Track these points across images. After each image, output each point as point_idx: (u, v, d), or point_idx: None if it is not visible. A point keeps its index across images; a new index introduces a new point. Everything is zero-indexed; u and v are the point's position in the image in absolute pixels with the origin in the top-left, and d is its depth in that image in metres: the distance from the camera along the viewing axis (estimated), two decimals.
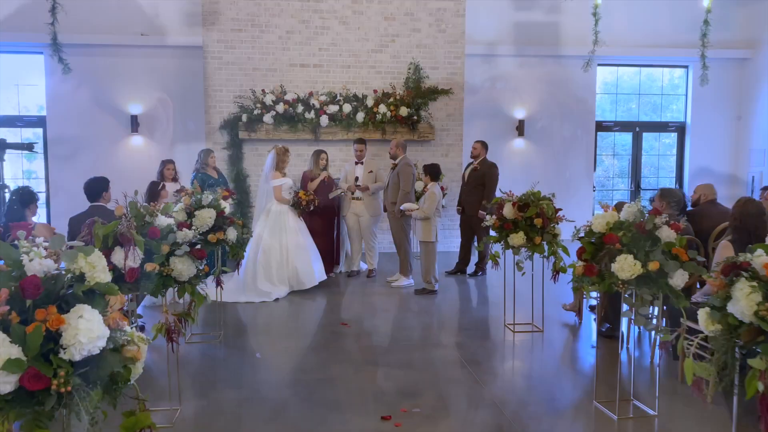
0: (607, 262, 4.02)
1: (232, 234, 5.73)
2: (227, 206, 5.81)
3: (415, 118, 10.56)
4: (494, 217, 6.15)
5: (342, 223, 9.03)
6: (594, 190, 12.82)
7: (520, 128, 12.19)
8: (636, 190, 13.22)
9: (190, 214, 5.61)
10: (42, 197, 11.88)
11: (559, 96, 12.32)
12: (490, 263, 6.60)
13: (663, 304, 4.64)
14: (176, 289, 3.94)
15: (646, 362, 5.43)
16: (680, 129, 13.16)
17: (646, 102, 13.26)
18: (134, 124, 11.33)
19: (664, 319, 5.35)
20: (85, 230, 3.99)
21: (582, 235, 4.29)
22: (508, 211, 5.99)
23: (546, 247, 5.98)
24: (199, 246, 4.17)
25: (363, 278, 8.78)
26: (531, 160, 12.35)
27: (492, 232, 6.32)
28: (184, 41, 11.14)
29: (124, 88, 11.31)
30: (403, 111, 10.47)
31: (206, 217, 5.55)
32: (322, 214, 8.37)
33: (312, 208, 7.95)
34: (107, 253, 3.74)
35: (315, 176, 8.57)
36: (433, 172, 7.63)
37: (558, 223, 6.02)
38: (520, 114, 12.24)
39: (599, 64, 12.30)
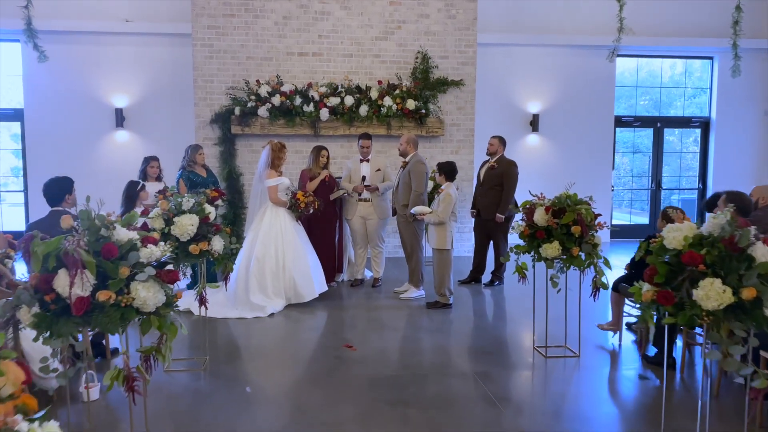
0: (688, 288, 3.17)
1: (218, 244, 4.87)
2: (213, 211, 4.95)
3: (423, 111, 9.71)
4: (523, 223, 5.30)
5: (345, 227, 8.18)
6: (612, 190, 11.98)
7: (535, 123, 11.36)
8: (657, 190, 12.38)
9: (169, 221, 4.75)
10: (20, 197, 11.05)
11: (576, 89, 11.48)
12: (510, 273, 5.73)
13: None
14: (140, 322, 3.07)
15: (703, 395, 4.59)
16: (704, 124, 12.32)
17: (667, 96, 12.40)
18: (119, 117, 10.48)
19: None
20: (22, 246, 3.14)
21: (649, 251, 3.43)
22: (540, 217, 5.13)
23: (584, 259, 5.13)
24: (170, 266, 3.30)
25: (368, 288, 7.93)
26: (545, 158, 11.51)
27: (517, 239, 5.45)
28: (172, 28, 10.29)
29: (108, 79, 10.45)
30: (411, 104, 9.61)
31: (187, 225, 4.70)
32: (322, 217, 7.52)
33: (312, 210, 7.10)
34: (48, 277, 2.89)
35: (315, 175, 7.72)
36: (448, 171, 6.78)
37: (598, 231, 5.17)
38: (534, 108, 11.41)
39: (618, 55, 11.44)
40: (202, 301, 5.03)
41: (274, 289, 6.83)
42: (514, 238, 5.96)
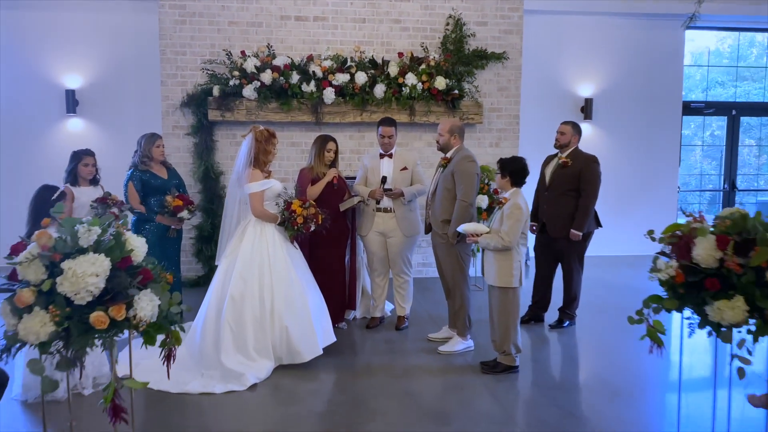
0: None
1: (146, 306, 2.68)
2: (138, 248, 2.76)
3: (456, 92, 7.53)
4: (673, 263, 3.13)
5: (358, 247, 6.03)
6: (678, 191, 9.80)
7: (587, 109, 9.19)
8: (731, 191, 10.20)
9: (54, 268, 2.58)
10: None
11: (638, 69, 9.32)
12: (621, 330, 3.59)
13: None
14: None
15: None
16: None
17: (745, 77, 10.22)
18: (71, 101, 8.31)
19: None
20: None
21: None
22: (707, 251, 2.98)
23: None
24: None
25: (389, 330, 5.78)
26: (600, 151, 9.12)
27: (651, 286, 3.28)
28: None
29: (57, 54, 8.27)
30: (440, 82, 7.43)
31: (86, 276, 2.53)
32: (328, 235, 5.37)
33: (313, 228, 4.94)
34: None
35: (318, 176, 5.57)
36: (516, 171, 4.57)
37: None
38: (586, 91, 9.24)
39: (691, 27, 9.23)
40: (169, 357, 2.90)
41: (257, 345, 4.65)
42: (633, 277, 3.79)
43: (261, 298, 4.67)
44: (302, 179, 5.62)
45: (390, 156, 5.69)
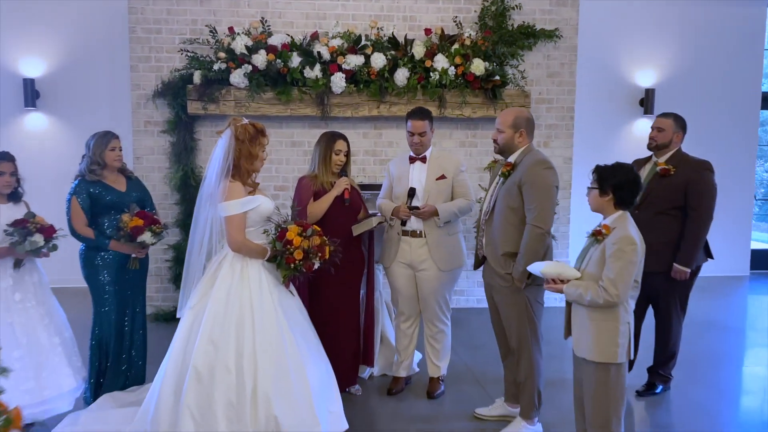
0: None
1: None
2: None
3: (498, 78, 5.99)
4: None
5: (378, 283, 4.53)
6: (755, 199, 8.22)
7: (647, 102, 7.62)
8: None
9: None
10: None
11: (707, 54, 7.74)
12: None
13: None
14: None
15: None
16: None
17: None
18: (30, 93, 6.81)
19: None
20: None
21: None
22: None
23: None
24: None
25: (419, 397, 4.27)
26: None
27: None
28: None
29: (13, 37, 6.78)
30: (477, 66, 5.90)
31: None
32: (340, 267, 3.85)
33: (318, 266, 3.40)
34: None
35: (324, 188, 4.07)
36: (624, 184, 2.95)
37: None
38: (646, 80, 7.68)
39: None
40: None
41: None
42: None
43: (239, 373, 3.15)
44: (302, 192, 4.10)
45: (423, 160, 4.16)
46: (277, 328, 3.25)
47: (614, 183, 2.96)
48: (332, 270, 3.52)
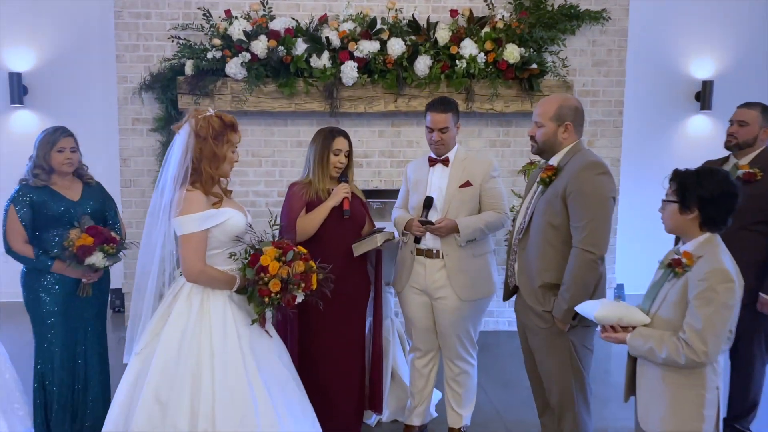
0: None
1: None
2: None
3: (535, 67, 5.16)
4: None
5: (389, 309, 3.75)
6: None
7: (704, 96, 6.65)
8: None
9: None
10: None
11: None
12: None
13: None
14: None
15: None
16: None
17: None
18: (17, 88, 6.16)
19: None
20: None
21: None
22: None
23: None
24: None
25: None
26: (720, 152, 6.78)
27: None
28: None
29: None
30: (511, 53, 5.08)
31: None
32: (340, 292, 3.07)
33: (303, 298, 2.62)
34: None
35: (319, 197, 3.29)
36: (717, 199, 2.12)
37: None
38: (703, 71, 6.72)
39: None
40: None
41: None
42: None
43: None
44: (291, 202, 3.33)
45: (445, 162, 3.36)
46: (245, 381, 2.48)
47: (702, 196, 2.13)
48: (320, 304, 2.74)
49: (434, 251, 3.27)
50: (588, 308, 2.34)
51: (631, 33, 5.68)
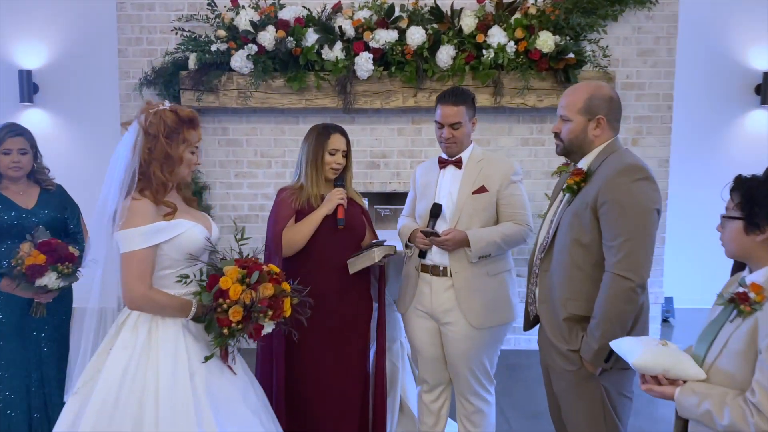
0: None
1: None
2: None
3: (572, 56, 4.61)
4: None
5: (398, 330, 3.29)
6: None
7: (764, 90, 5.98)
8: None
9: None
10: None
11: None
12: None
13: None
14: None
15: None
16: None
17: None
18: (27, 86, 5.90)
19: None
20: None
21: None
22: None
23: None
24: None
25: None
26: None
27: None
28: None
29: (7, 23, 5.91)
30: (545, 41, 4.54)
31: None
32: (330, 319, 2.70)
33: (271, 329, 2.16)
34: None
35: (310, 204, 2.85)
36: None
37: None
38: (763, 62, 6.05)
39: None
40: None
41: None
42: None
43: None
44: (279, 210, 2.88)
45: (457, 164, 2.86)
46: (196, 429, 2.04)
47: None
48: (295, 335, 2.28)
49: (441, 268, 2.78)
50: (626, 349, 1.83)
51: (681, 18, 5.06)
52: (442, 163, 2.91)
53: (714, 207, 1.97)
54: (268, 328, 2.15)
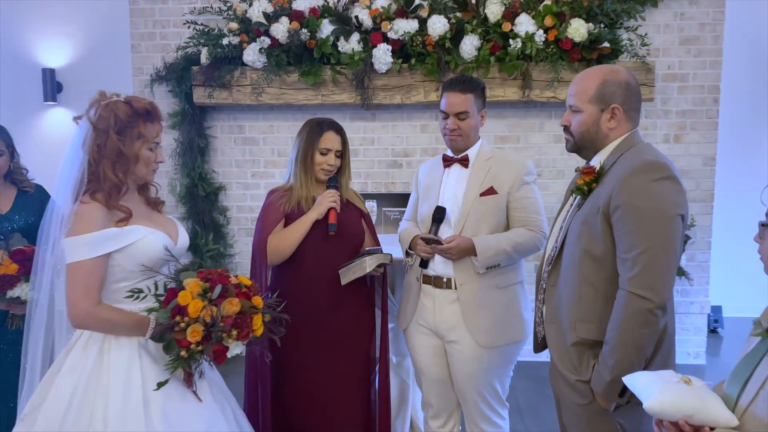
0: None
1: None
2: None
3: (607, 46, 4.25)
4: None
5: (404, 348, 3.01)
6: None
7: None
8: None
9: None
10: None
11: None
12: None
13: None
14: None
15: None
16: None
17: None
18: (51, 85, 5.81)
19: None
20: None
21: None
22: None
23: None
24: None
25: None
26: None
27: None
28: None
29: (30, 19, 5.83)
30: (577, 29, 4.19)
31: None
32: (323, 333, 2.47)
33: (241, 349, 1.91)
34: None
35: (301, 207, 2.59)
36: None
37: None
38: None
39: None
40: None
41: None
42: None
43: None
44: (266, 214, 2.62)
45: (464, 162, 2.57)
46: None
47: None
48: (268, 356, 2.03)
49: (444, 279, 2.49)
50: (640, 386, 1.51)
51: (729, 4, 4.62)
52: (447, 162, 2.63)
53: (764, 208, 1.65)
54: (236, 349, 1.90)
